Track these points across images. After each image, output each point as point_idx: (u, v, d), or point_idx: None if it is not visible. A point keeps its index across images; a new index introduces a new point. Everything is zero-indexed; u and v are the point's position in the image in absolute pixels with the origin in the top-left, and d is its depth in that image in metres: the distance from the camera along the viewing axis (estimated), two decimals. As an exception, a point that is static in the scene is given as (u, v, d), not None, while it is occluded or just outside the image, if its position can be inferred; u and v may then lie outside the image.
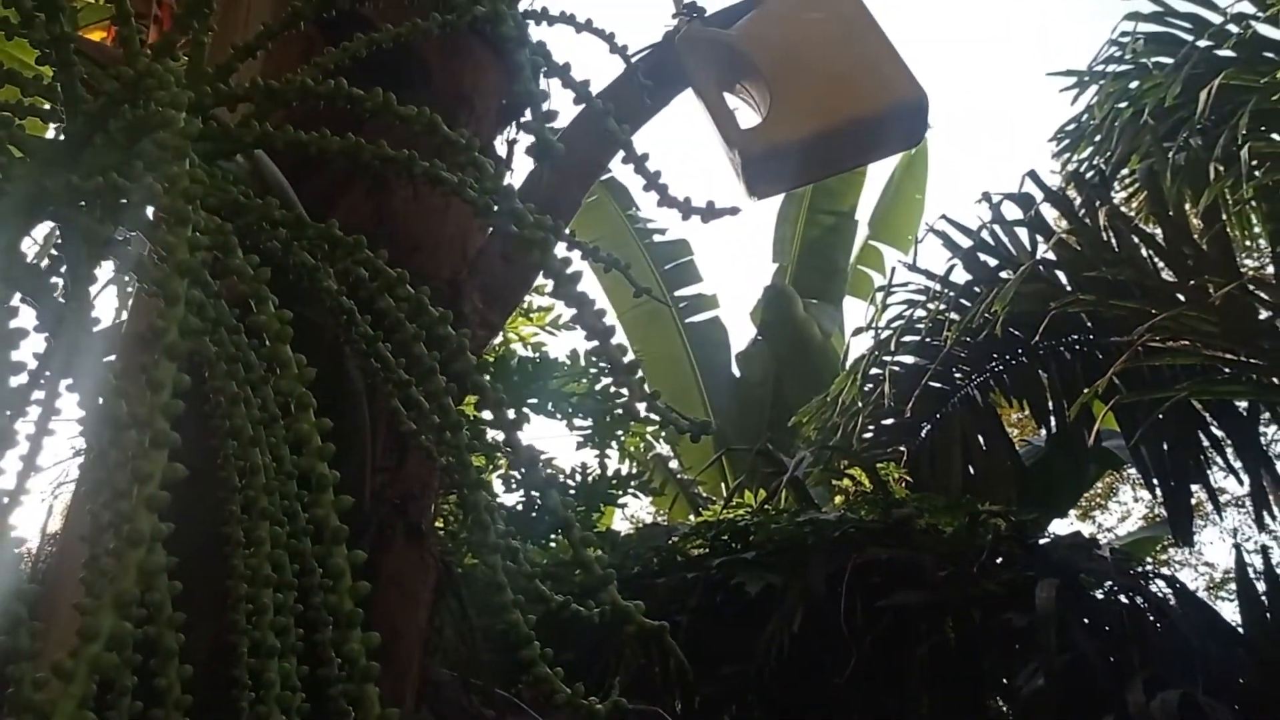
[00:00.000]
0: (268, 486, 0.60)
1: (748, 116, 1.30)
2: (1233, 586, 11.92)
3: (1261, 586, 3.25)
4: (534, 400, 4.29)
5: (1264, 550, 3.79)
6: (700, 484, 9.05)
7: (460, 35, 1.54)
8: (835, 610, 3.50)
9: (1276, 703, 3.06)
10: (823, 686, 3.60)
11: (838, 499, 4.47)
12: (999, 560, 3.53)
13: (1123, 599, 3.36)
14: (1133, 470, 8.40)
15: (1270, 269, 6.52)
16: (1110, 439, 6.34)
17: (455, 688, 1.43)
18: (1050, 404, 5.90)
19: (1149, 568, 3.53)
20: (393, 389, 0.79)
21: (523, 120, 1.60)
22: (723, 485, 8.86)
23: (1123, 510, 12.22)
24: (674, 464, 9.13)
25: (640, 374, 0.58)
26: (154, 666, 0.52)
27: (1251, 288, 3.69)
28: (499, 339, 4.92)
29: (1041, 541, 3.52)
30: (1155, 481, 5.44)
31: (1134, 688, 2.92)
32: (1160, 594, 3.35)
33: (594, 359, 4.41)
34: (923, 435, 6.22)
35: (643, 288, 0.88)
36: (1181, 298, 3.87)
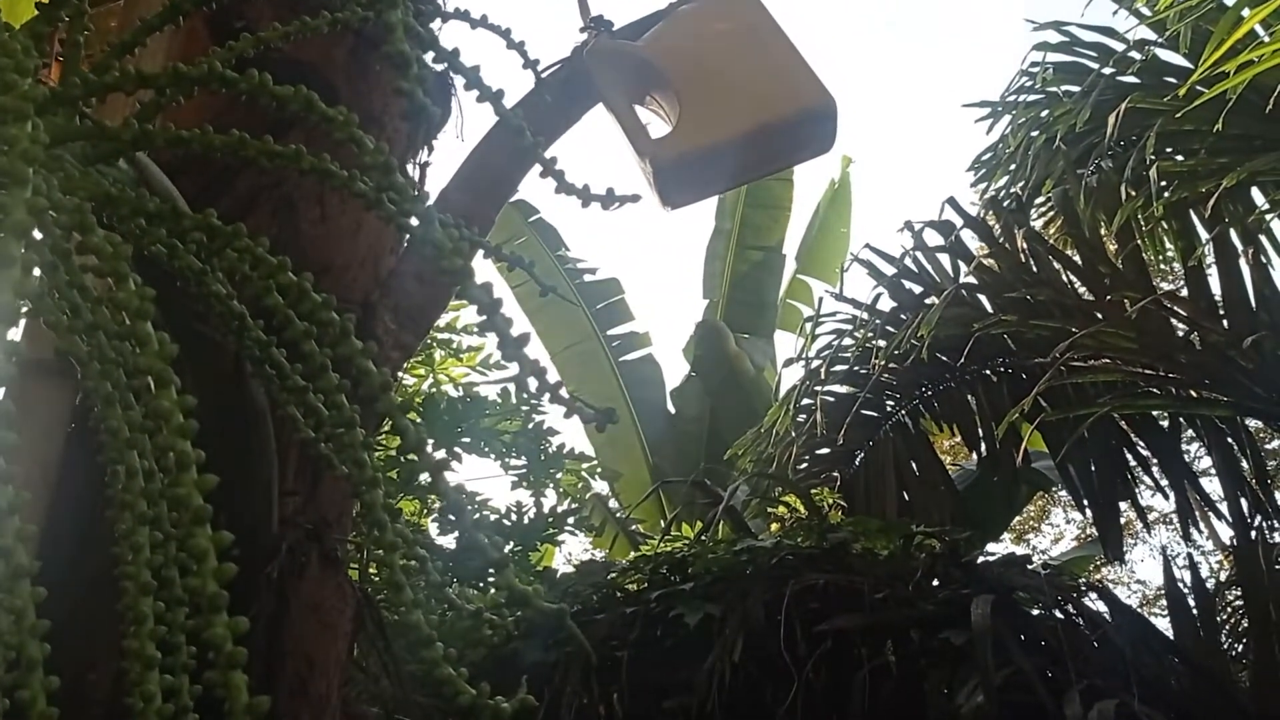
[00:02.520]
0: (145, 490, 0.57)
1: (659, 128, 1.29)
2: (1165, 602, 12.12)
3: (1191, 599, 3.30)
4: (466, 440, 4.24)
5: (1191, 560, 3.86)
6: (639, 522, 9.01)
7: (367, 57, 1.52)
8: (776, 638, 3.48)
9: (1209, 709, 3.09)
10: (766, 714, 3.57)
11: (774, 526, 4.47)
12: (935, 581, 3.54)
13: (1057, 613, 3.39)
14: (1064, 493, 8.53)
15: (1183, 288, 6.71)
16: (1040, 460, 6.45)
17: (380, 725, 1.38)
18: (979, 427, 5.98)
19: (1082, 582, 3.56)
20: (288, 396, 0.76)
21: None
22: (661, 521, 8.83)
23: (1055, 532, 12.42)
24: (613, 503, 9.08)
25: (531, 356, 0.56)
26: (15, 679, 0.48)
27: (1167, 303, 3.78)
28: (429, 381, 4.87)
29: (976, 561, 3.54)
30: (1085, 500, 5.53)
31: (1071, 701, 2.93)
32: (1094, 607, 3.38)
33: (526, 395, 4.38)
34: (857, 463, 6.26)
35: (548, 286, 0.86)
36: (1100, 315, 3.95)
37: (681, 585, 3.77)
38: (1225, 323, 3.96)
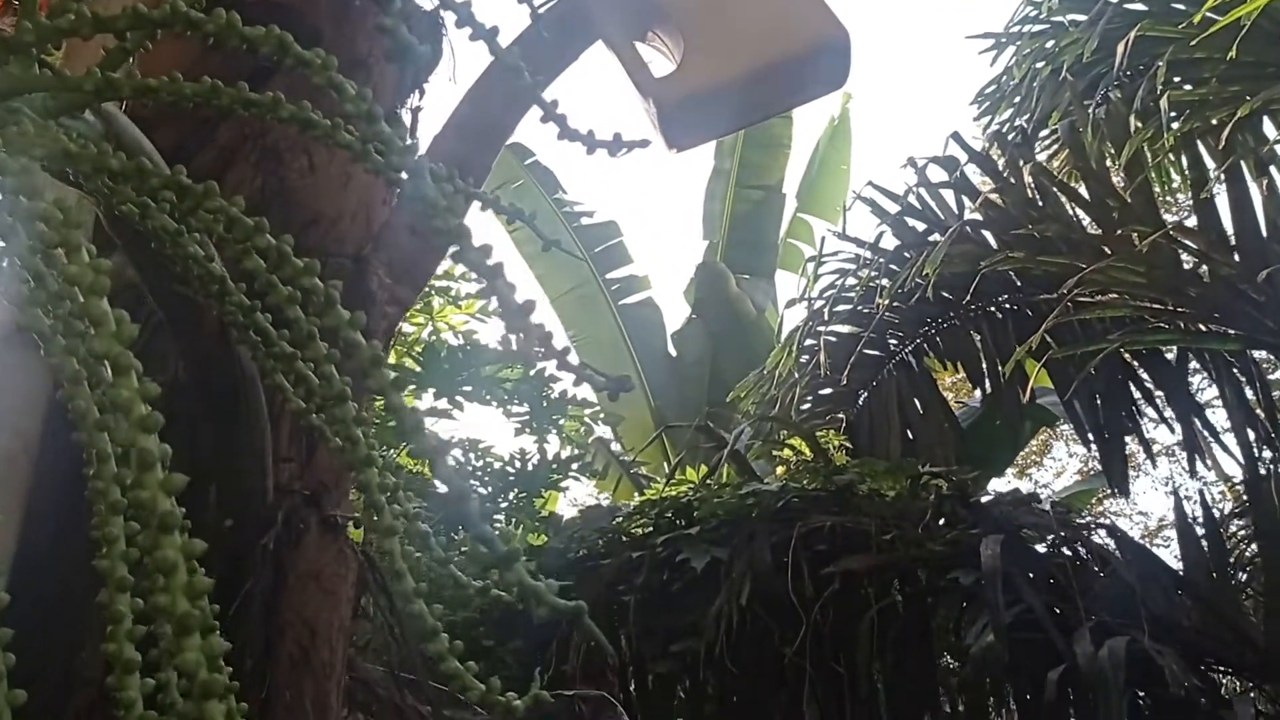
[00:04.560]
0: (118, 477, 0.52)
1: (662, 66, 1.23)
2: (1168, 534, 12.18)
3: (1201, 534, 3.28)
4: (467, 388, 4.20)
5: (1202, 495, 3.83)
6: (643, 464, 9.01)
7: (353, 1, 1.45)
8: (783, 580, 3.47)
9: (1219, 643, 3.09)
10: (774, 656, 3.57)
11: (779, 470, 4.44)
12: (942, 520, 3.52)
13: (1065, 551, 3.37)
14: (1066, 427, 8.51)
15: (1192, 219, 6.63)
16: (1044, 395, 6.42)
17: (387, 684, 1.35)
18: (984, 365, 5.94)
19: (1089, 519, 3.54)
20: (275, 364, 0.71)
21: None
22: (665, 464, 8.82)
23: (1058, 466, 12.44)
24: (615, 446, 9.07)
25: (537, 320, 0.51)
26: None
27: (1177, 236, 3.71)
28: (428, 329, 4.82)
29: (984, 501, 3.52)
30: (1089, 435, 5.51)
31: (1081, 638, 2.92)
32: (1102, 543, 3.36)
33: (534, 358, 4.32)
34: (860, 403, 6.23)
35: (551, 240, 0.81)
36: (1108, 250, 3.88)
37: (687, 530, 3.75)
38: (1236, 255, 3.90)
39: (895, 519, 3.54)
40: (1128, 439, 5.47)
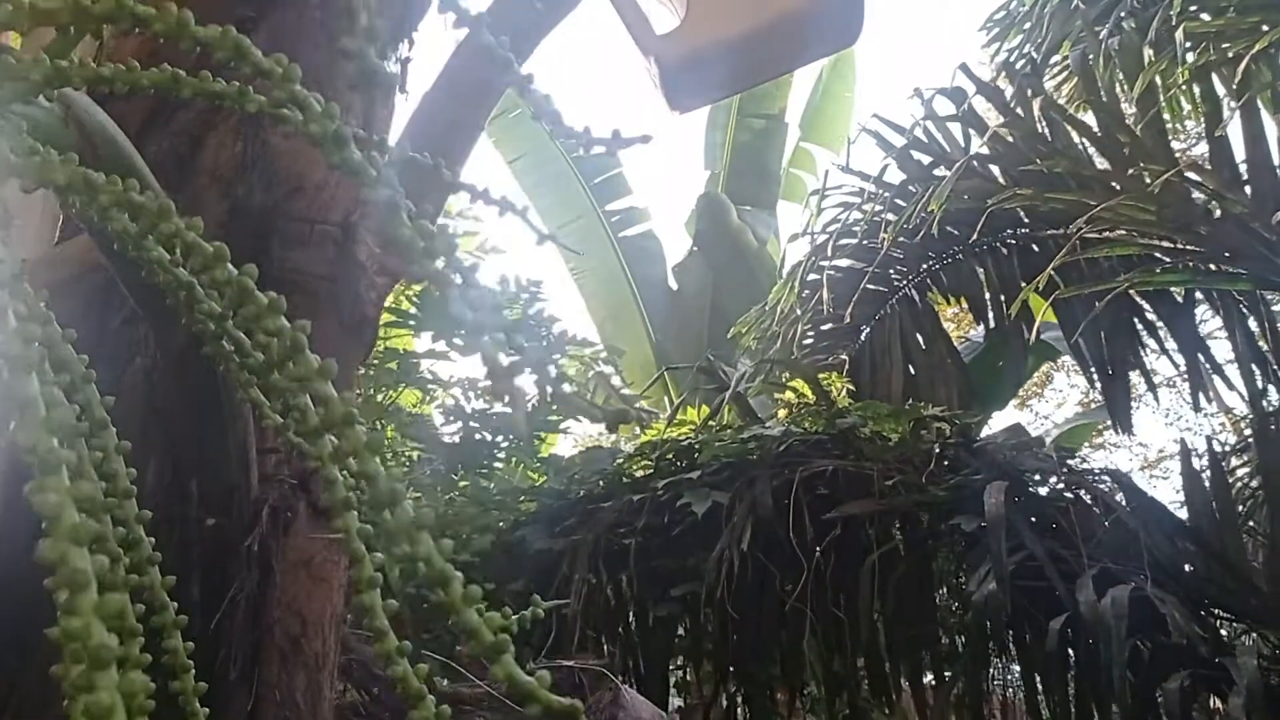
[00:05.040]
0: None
1: (664, 20, 1.15)
2: (1167, 464, 12.20)
3: (1207, 481, 3.25)
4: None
5: (1209, 441, 3.80)
6: (644, 398, 9.00)
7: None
8: (784, 525, 3.45)
9: (1222, 588, 3.08)
10: (775, 601, 3.58)
11: (781, 412, 4.41)
12: (945, 463, 3.49)
13: (1069, 495, 3.35)
14: (1067, 357, 8.48)
15: (1202, 146, 6.51)
16: (1047, 330, 6.37)
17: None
18: (988, 300, 5.88)
19: (1091, 462, 3.52)
20: (248, 376, 0.66)
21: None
22: (666, 399, 8.81)
23: (1059, 397, 12.43)
24: (616, 380, 9.04)
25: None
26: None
27: (1190, 175, 3.62)
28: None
29: (987, 445, 3.49)
30: (1093, 372, 5.47)
31: (1084, 586, 2.91)
32: (1106, 488, 3.34)
33: (526, 284, 4.27)
34: (862, 338, 6.18)
35: (545, 234, 0.75)
36: (1117, 187, 3.80)
37: (688, 474, 3.73)
38: (1249, 190, 3.81)
39: (898, 463, 3.52)
40: (1131, 374, 5.44)
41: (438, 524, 4.50)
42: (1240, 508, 4.06)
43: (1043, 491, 3.43)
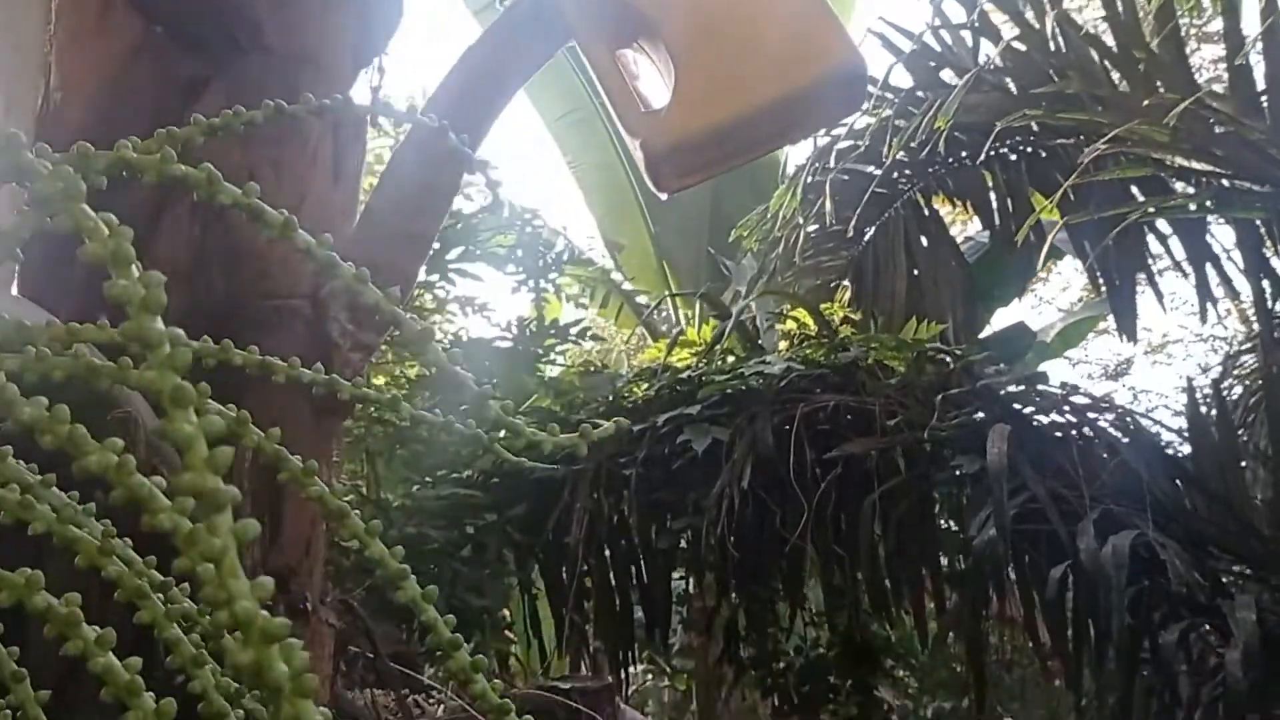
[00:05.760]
0: None
1: (648, 76, 1.05)
2: (1171, 349, 12.18)
3: (1214, 425, 3.22)
4: (460, 264, 4.07)
5: (1216, 386, 3.75)
6: (643, 293, 8.93)
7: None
8: (785, 462, 3.44)
9: (1224, 532, 3.08)
10: (776, 537, 3.59)
11: (783, 344, 4.35)
12: (948, 397, 3.45)
13: (1073, 434, 3.32)
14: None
15: (1219, 44, 6.26)
16: (1052, 228, 6.26)
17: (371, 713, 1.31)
18: (994, 205, 5.77)
19: (1102, 402, 3.48)
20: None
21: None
22: (665, 292, 8.74)
23: (1063, 281, 12.33)
24: (616, 276, 8.93)
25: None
26: None
27: (1209, 102, 3.48)
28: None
29: (991, 383, 3.44)
30: (1100, 280, 5.40)
31: (1085, 532, 2.91)
32: (1110, 428, 3.31)
33: (523, 209, 4.17)
34: (865, 243, 6.08)
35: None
36: (1133, 107, 3.65)
37: (688, 408, 3.70)
38: (1267, 104, 3.67)
39: (900, 398, 3.48)
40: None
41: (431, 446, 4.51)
42: (1242, 432, 4.05)
43: (1046, 429, 3.39)
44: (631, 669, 5.13)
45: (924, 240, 6.15)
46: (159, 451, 0.90)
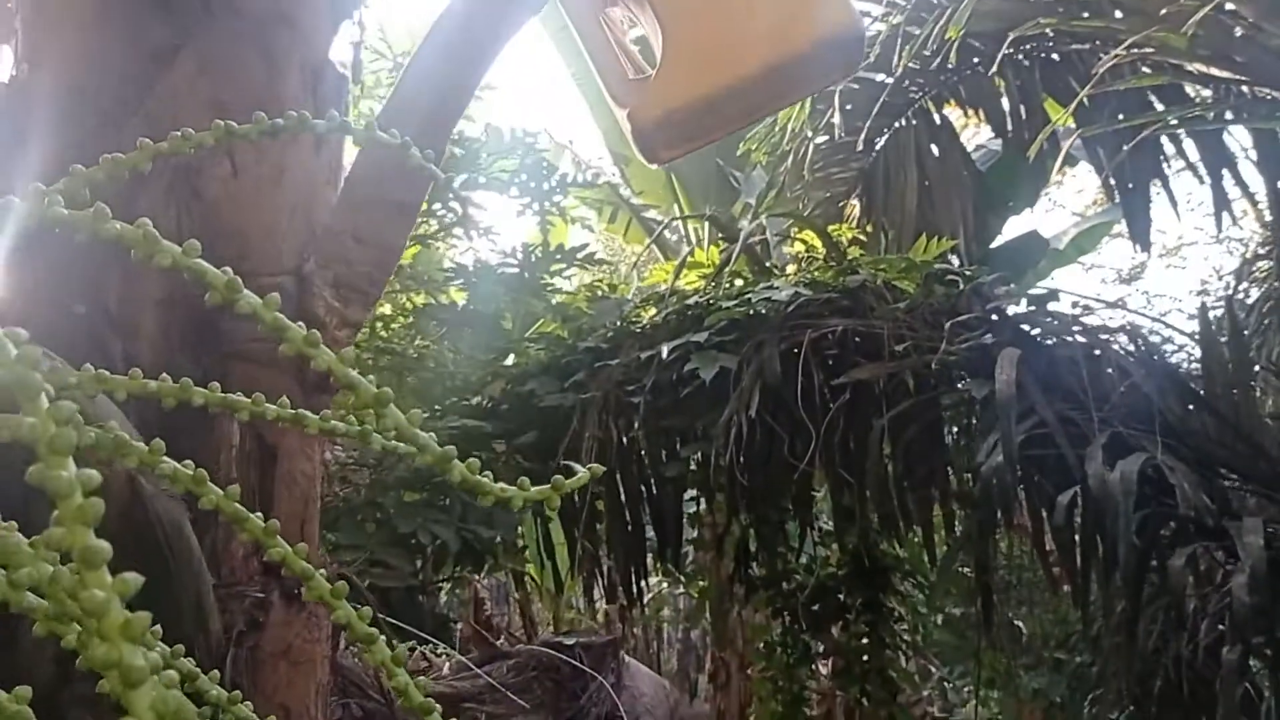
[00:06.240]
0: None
1: (636, 39, 0.99)
2: (1185, 252, 12.02)
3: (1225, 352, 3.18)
4: (464, 176, 4.02)
5: (1229, 301, 3.70)
6: (653, 207, 8.82)
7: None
8: (793, 390, 3.42)
9: (1234, 454, 3.06)
10: (784, 464, 3.59)
11: (790, 269, 4.29)
12: (957, 321, 3.41)
13: (1083, 355, 3.28)
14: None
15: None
16: (1067, 138, 6.13)
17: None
18: (1007, 110, 5.65)
19: (1110, 321, 3.43)
20: None
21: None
22: (674, 207, 8.64)
23: (1078, 184, 12.12)
24: (625, 191, 8.82)
25: None
26: None
27: (1230, 6, 3.36)
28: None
29: (1001, 305, 3.39)
30: (1114, 186, 5.31)
31: (1093, 457, 2.89)
32: (1121, 350, 3.28)
33: (524, 134, 4.09)
34: (875, 153, 5.97)
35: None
36: (1150, 12, 3.54)
37: (695, 336, 3.66)
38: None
39: (909, 321, 3.45)
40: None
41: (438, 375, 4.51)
42: (1255, 342, 4.01)
43: (1056, 350, 3.36)
44: (645, 583, 5.20)
45: (935, 150, 6.05)
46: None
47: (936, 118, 5.87)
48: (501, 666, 2.88)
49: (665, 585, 7.99)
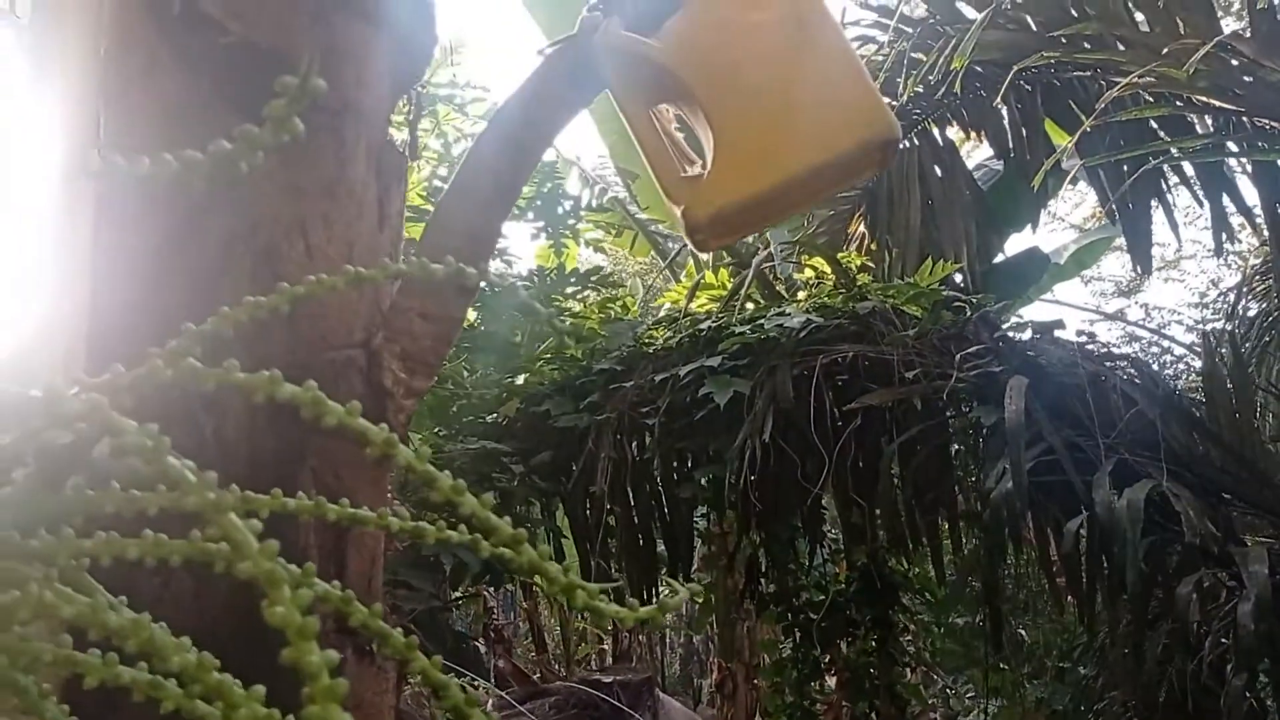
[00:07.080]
0: None
1: (684, 135, 1.08)
2: (1185, 266, 12.11)
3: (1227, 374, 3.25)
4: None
5: (1231, 337, 3.78)
6: (659, 222, 8.88)
7: (332, 16, 1.29)
8: (805, 414, 3.50)
9: (1238, 480, 3.14)
10: (796, 487, 3.67)
11: (801, 295, 4.37)
12: (966, 351, 3.49)
13: (1088, 383, 3.36)
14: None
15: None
16: (1070, 159, 6.21)
17: None
18: (1009, 133, 5.73)
19: (1114, 347, 3.51)
20: None
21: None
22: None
23: (1077, 197, 12.22)
24: (633, 207, 8.88)
25: None
26: None
27: (1230, 44, 3.44)
28: (437, 137, 4.63)
29: (1009, 333, 3.48)
30: (1115, 208, 5.39)
31: (1100, 485, 2.97)
32: (1124, 376, 3.36)
33: (543, 163, 4.17)
34: (880, 175, 6.06)
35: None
36: (1151, 45, 3.62)
37: (709, 360, 3.74)
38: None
39: (918, 348, 3.53)
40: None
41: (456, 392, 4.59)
42: (1253, 364, 4.09)
43: (1062, 377, 3.43)
44: (656, 597, 5.26)
45: (938, 170, 6.13)
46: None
47: (940, 139, 5.95)
48: (543, 704, 2.96)
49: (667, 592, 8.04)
